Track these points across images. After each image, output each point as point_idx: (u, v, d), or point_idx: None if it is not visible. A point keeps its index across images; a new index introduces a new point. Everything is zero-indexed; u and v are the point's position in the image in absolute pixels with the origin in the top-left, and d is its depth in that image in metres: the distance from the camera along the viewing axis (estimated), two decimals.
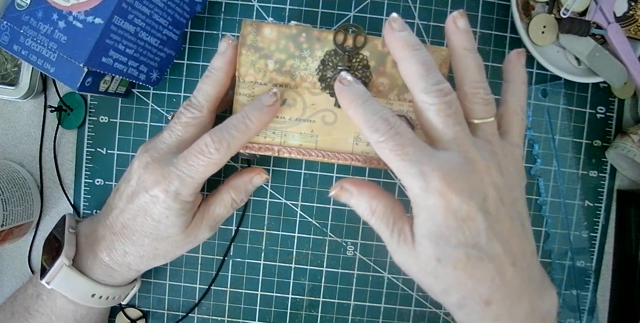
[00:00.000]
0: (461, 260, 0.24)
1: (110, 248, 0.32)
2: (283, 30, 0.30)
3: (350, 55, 0.30)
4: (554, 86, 0.41)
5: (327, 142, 0.31)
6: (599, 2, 0.38)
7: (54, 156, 0.41)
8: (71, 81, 0.31)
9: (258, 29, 0.30)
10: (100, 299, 0.34)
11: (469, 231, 0.24)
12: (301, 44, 0.30)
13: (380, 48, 0.30)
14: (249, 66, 0.30)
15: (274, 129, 0.31)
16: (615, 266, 0.43)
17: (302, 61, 0.30)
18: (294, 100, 0.31)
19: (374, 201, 0.27)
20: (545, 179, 0.41)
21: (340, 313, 0.41)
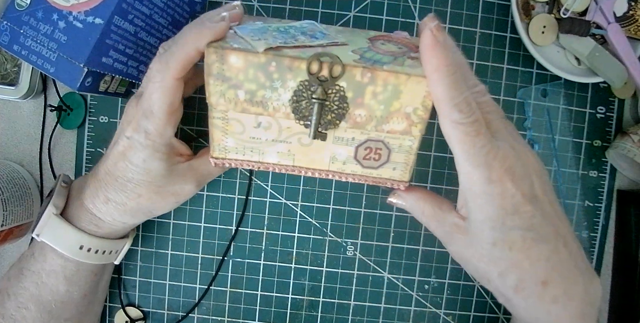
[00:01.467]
0: (517, 241, 0.26)
1: (94, 195, 0.33)
2: (250, 58, 0.26)
3: (326, 87, 0.27)
4: (554, 86, 0.41)
5: (304, 161, 0.31)
6: (599, 2, 0.38)
7: (49, 156, 0.41)
8: (71, 81, 0.31)
9: (223, 57, 0.26)
10: (88, 252, 0.33)
11: (524, 214, 0.26)
12: (271, 74, 0.27)
13: (358, 78, 0.27)
14: (219, 96, 0.28)
15: (251, 148, 0.31)
16: (615, 266, 0.42)
17: (274, 91, 0.27)
18: (268, 123, 0.29)
19: (421, 202, 0.30)
20: None
21: (340, 313, 0.41)
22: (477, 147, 0.25)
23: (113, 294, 0.41)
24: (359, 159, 0.31)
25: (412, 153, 0.30)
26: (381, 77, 0.26)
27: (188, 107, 0.40)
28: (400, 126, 0.28)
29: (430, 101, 0.27)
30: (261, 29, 0.29)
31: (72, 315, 0.35)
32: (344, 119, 0.28)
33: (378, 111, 0.28)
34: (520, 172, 0.26)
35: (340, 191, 0.41)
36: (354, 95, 0.27)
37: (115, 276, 0.41)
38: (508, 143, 0.26)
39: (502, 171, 0.25)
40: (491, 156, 0.25)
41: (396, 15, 0.40)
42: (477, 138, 0.25)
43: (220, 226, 0.41)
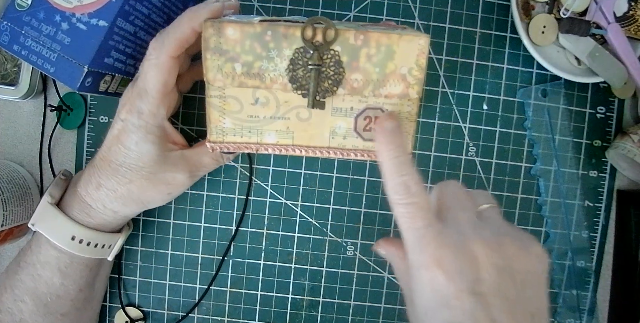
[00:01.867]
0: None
1: (87, 181, 0.33)
2: (247, 29, 0.27)
3: (321, 52, 0.27)
4: (554, 86, 0.41)
5: (304, 138, 0.31)
6: (599, 2, 0.38)
7: (49, 156, 0.41)
8: (71, 81, 0.31)
9: (220, 30, 0.27)
10: (80, 244, 0.33)
11: (455, 310, 0.23)
12: (267, 44, 0.27)
13: (352, 41, 0.27)
14: (216, 71, 0.28)
15: (249, 128, 0.30)
16: (615, 266, 0.43)
17: (270, 61, 0.28)
18: (266, 98, 0.29)
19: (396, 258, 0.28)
20: (545, 179, 0.41)
21: (340, 313, 0.41)
22: (412, 229, 0.25)
23: (113, 294, 0.41)
24: (359, 131, 0.30)
25: (412, 119, 0.30)
26: (374, 38, 0.27)
27: (188, 107, 0.40)
28: (397, 89, 0.29)
29: (424, 59, 0.28)
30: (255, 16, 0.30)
31: (69, 311, 0.35)
32: (341, 85, 0.28)
33: (374, 74, 0.28)
34: (460, 263, 0.24)
35: (340, 191, 0.41)
36: (349, 59, 0.28)
37: (115, 276, 0.41)
38: (459, 233, 0.25)
39: (433, 258, 0.24)
40: (425, 241, 0.24)
41: (396, 15, 0.40)
42: (412, 220, 0.25)
43: (220, 226, 0.41)
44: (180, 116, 0.40)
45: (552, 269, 0.42)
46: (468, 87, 0.41)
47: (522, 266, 0.24)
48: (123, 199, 0.33)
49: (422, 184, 0.26)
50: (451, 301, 0.23)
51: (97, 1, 0.30)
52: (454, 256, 0.24)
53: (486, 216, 0.27)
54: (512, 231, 0.26)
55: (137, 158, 0.32)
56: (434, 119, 0.40)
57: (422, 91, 0.29)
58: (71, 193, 0.34)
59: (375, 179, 0.41)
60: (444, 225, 0.25)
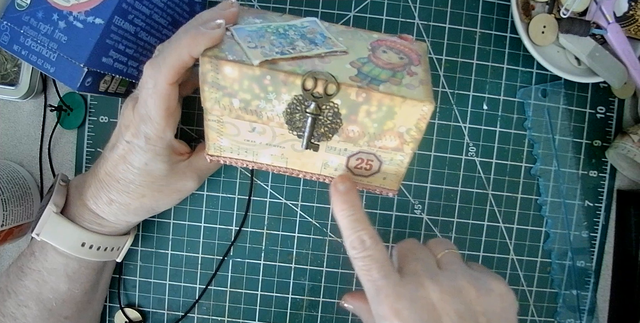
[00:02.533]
0: None
1: (96, 196, 0.33)
2: (245, 71, 0.26)
3: (320, 103, 0.27)
4: (554, 86, 0.41)
5: (297, 164, 0.32)
6: (599, 2, 0.38)
7: (49, 156, 0.41)
8: (71, 81, 0.31)
9: (218, 67, 0.26)
10: (90, 249, 0.34)
11: None
12: (266, 87, 0.27)
13: (353, 97, 0.26)
14: (214, 102, 0.28)
15: (245, 149, 0.31)
16: (615, 266, 0.43)
17: (268, 102, 0.27)
18: (263, 129, 0.29)
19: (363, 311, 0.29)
20: (545, 179, 0.41)
21: (341, 313, 0.41)
22: (370, 281, 0.25)
23: (113, 294, 0.41)
24: (351, 168, 0.31)
25: (402, 166, 0.30)
26: (376, 98, 0.26)
27: (188, 107, 0.40)
28: (392, 144, 0.29)
29: (425, 123, 0.27)
30: (259, 31, 0.29)
31: (72, 313, 0.35)
32: (337, 133, 0.28)
33: (371, 129, 0.28)
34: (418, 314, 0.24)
35: None
36: (348, 112, 0.27)
37: (115, 276, 0.41)
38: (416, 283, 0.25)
39: (392, 311, 0.24)
40: (383, 293, 0.25)
41: (396, 16, 0.40)
42: (369, 273, 0.26)
43: (220, 226, 0.41)
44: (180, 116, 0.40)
45: (552, 269, 0.42)
46: (468, 87, 0.41)
47: (485, 308, 0.25)
48: (136, 210, 0.34)
49: (377, 239, 0.27)
50: None
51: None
52: (412, 307, 0.24)
53: (445, 262, 0.27)
54: (473, 274, 0.26)
55: (146, 175, 0.32)
56: (434, 119, 0.40)
57: (417, 147, 0.29)
58: (79, 204, 0.34)
59: None
60: (402, 277, 0.26)
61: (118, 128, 0.32)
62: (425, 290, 0.25)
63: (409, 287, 0.25)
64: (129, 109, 0.31)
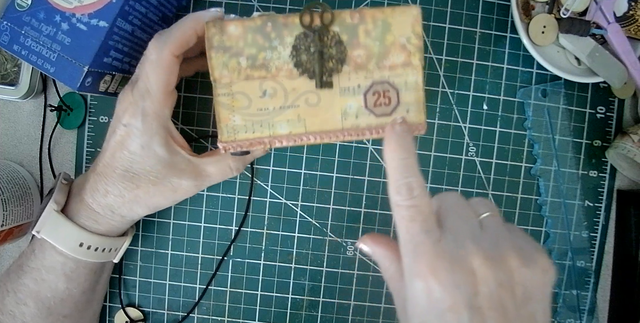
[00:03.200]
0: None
1: (93, 189, 0.33)
2: (248, 24, 0.29)
3: (321, 34, 0.29)
4: (554, 86, 0.41)
5: (316, 124, 0.31)
6: (599, 2, 0.38)
7: (49, 156, 0.41)
8: (71, 81, 0.31)
9: (222, 28, 0.29)
10: (88, 250, 0.34)
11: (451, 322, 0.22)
12: (269, 34, 0.29)
13: (349, 20, 0.29)
14: (222, 68, 0.29)
15: (260, 123, 0.30)
16: (615, 266, 0.43)
17: (274, 51, 0.29)
18: (273, 89, 0.30)
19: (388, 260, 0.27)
20: (545, 179, 0.41)
21: (340, 313, 0.41)
22: (410, 234, 0.24)
23: (113, 294, 0.41)
24: (370, 107, 0.30)
25: (419, 89, 0.30)
26: (369, 14, 0.29)
27: (188, 107, 0.40)
28: (399, 59, 0.30)
29: (420, 26, 0.29)
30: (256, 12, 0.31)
31: (71, 312, 0.35)
32: (345, 62, 0.29)
33: (375, 48, 0.29)
34: (457, 275, 0.22)
35: (340, 191, 0.41)
36: (349, 37, 0.29)
37: (115, 276, 0.41)
38: (458, 244, 0.23)
39: (428, 269, 0.22)
40: (422, 248, 0.23)
41: None
42: (411, 224, 0.24)
43: (220, 226, 0.41)
44: (180, 116, 0.40)
45: None
46: (468, 87, 0.41)
47: (525, 280, 0.23)
48: (130, 204, 0.33)
49: (425, 190, 0.25)
50: (446, 314, 0.22)
51: (97, 2, 0.30)
52: (451, 269, 0.23)
53: (487, 225, 0.26)
54: (517, 242, 0.24)
55: (143, 162, 0.32)
56: (434, 119, 0.40)
57: (424, 59, 0.30)
58: (77, 200, 0.34)
59: (375, 179, 0.41)
60: (442, 234, 0.24)
61: (115, 117, 0.32)
62: (467, 253, 0.23)
63: (450, 247, 0.23)
64: (126, 92, 0.32)
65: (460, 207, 0.26)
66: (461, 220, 0.25)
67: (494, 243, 0.24)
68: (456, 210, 0.26)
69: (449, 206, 0.26)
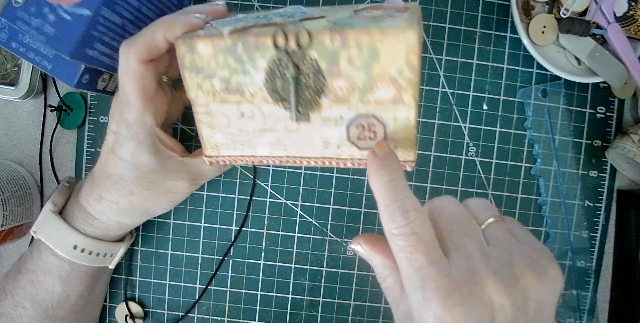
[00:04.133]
0: None
1: (89, 193, 0.33)
2: (217, 43, 0.25)
3: (296, 60, 0.25)
4: (554, 86, 0.41)
5: (296, 149, 0.29)
6: (599, 2, 0.38)
7: (50, 156, 0.41)
8: (68, 77, 0.31)
9: (192, 46, 0.26)
10: (82, 253, 0.33)
11: None
12: (240, 56, 0.25)
13: (328, 44, 0.24)
14: (197, 89, 0.27)
15: (241, 142, 0.29)
16: (615, 266, 0.43)
17: (247, 75, 0.26)
18: (251, 112, 0.27)
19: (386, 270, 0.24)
20: (545, 179, 0.41)
21: (340, 313, 0.41)
22: (414, 267, 0.21)
23: (116, 287, 0.41)
24: (353, 140, 0.27)
25: (410, 126, 0.26)
26: (352, 37, 0.23)
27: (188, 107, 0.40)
28: (388, 94, 0.25)
29: (416, 56, 0.23)
30: (238, 18, 0.27)
31: (68, 315, 0.35)
32: (324, 94, 0.25)
33: (358, 79, 0.25)
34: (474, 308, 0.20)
35: (340, 191, 0.41)
36: (328, 64, 0.25)
37: (116, 276, 0.41)
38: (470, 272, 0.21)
39: (443, 307, 0.20)
40: (431, 284, 0.20)
41: None
42: (414, 256, 0.21)
43: (220, 226, 0.41)
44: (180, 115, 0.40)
45: None
46: (468, 87, 0.41)
47: (539, 296, 0.22)
48: (126, 210, 0.33)
49: (422, 211, 0.22)
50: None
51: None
52: (467, 304, 0.20)
53: (494, 236, 0.23)
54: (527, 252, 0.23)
55: (134, 169, 0.31)
56: (434, 119, 0.40)
57: (420, 94, 0.26)
58: (74, 202, 0.34)
59: None
60: (450, 261, 0.21)
61: (108, 121, 0.32)
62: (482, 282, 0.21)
63: (463, 277, 0.21)
64: (115, 97, 0.31)
65: (463, 220, 0.24)
66: (467, 237, 0.23)
67: (507, 262, 0.22)
68: (459, 226, 0.23)
69: (450, 221, 0.23)
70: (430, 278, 0.21)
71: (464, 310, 0.20)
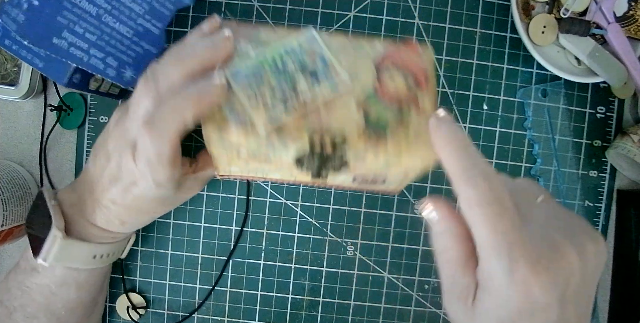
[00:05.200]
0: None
1: (108, 220, 0.32)
2: (251, 135, 0.26)
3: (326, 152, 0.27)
4: (554, 86, 0.41)
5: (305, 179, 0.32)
6: (599, 2, 0.38)
7: (43, 156, 0.41)
8: (58, 76, 0.30)
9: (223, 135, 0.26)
10: (101, 258, 0.34)
11: (539, 319, 0.21)
12: (273, 143, 0.27)
13: (361, 149, 0.27)
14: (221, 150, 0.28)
15: (255, 171, 0.32)
16: (615, 266, 0.42)
17: (276, 153, 0.28)
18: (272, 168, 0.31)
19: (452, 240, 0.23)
20: (545, 179, 0.41)
21: (340, 313, 0.41)
22: (500, 233, 0.21)
23: (116, 280, 0.41)
24: (356, 180, 0.32)
25: (407, 180, 0.32)
26: (382, 147, 0.27)
27: None
28: (397, 177, 0.30)
29: (428, 168, 0.28)
30: (256, 71, 0.27)
31: (80, 318, 0.36)
32: (345, 170, 0.29)
33: (378, 168, 0.28)
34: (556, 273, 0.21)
35: (340, 191, 0.41)
36: (355, 158, 0.28)
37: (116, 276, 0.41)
38: (545, 233, 0.22)
39: (530, 272, 0.20)
40: (517, 248, 0.20)
41: (396, 16, 0.40)
42: (499, 221, 0.21)
43: (220, 226, 0.41)
44: None
45: None
46: (468, 87, 0.41)
47: (595, 266, 0.22)
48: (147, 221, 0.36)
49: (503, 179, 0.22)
50: (540, 313, 0.21)
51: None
52: (551, 266, 0.21)
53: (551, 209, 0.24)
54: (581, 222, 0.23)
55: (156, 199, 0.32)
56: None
57: None
58: (85, 224, 0.32)
59: None
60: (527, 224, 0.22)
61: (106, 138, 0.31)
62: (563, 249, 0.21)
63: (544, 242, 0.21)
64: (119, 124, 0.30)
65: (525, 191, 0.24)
66: (534, 206, 0.23)
67: (570, 230, 0.22)
68: (523, 196, 0.23)
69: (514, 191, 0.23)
70: (517, 244, 0.20)
71: (550, 273, 0.20)
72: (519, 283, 0.20)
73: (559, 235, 0.22)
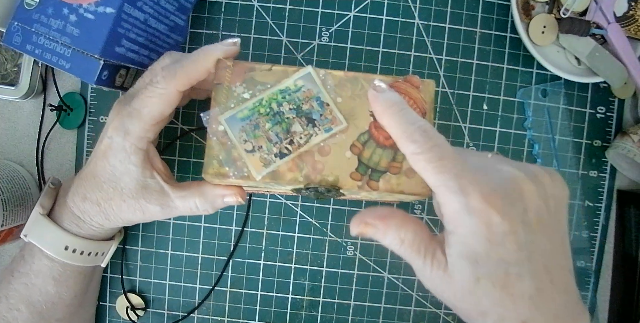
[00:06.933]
0: (500, 277, 0.23)
1: (74, 192, 0.33)
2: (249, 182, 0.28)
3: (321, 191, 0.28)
4: (554, 86, 0.41)
5: None
6: (599, 2, 0.38)
7: (41, 155, 0.41)
8: (88, 75, 0.31)
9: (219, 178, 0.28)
10: (74, 253, 0.33)
11: (510, 245, 0.23)
12: (270, 185, 0.28)
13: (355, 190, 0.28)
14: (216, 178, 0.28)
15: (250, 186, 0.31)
16: (615, 266, 0.42)
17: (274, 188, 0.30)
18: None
19: (402, 230, 0.25)
20: None
21: (340, 313, 0.41)
22: (446, 172, 0.23)
23: (115, 280, 0.41)
24: None
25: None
26: (374, 186, 0.28)
27: (188, 107, 0.40)
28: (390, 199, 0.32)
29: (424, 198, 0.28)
30: (251, 117, 0.27)
31: (64, 316, 0.35)
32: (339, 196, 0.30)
33: (372, 198, 0.31)
34: (510, 197, 0.23)
35: None
36: (350, 193, 0.29)
37: (118, 262, 0.41)
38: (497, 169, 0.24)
39: (483, 199, 0.22)
40: (465, 180, 0.23)
41: (396, 16, 0.40)
42: (441, 162, 0.23)
43: (220, 226, 0.41)
44: (180, 115, 0.40)
45: None
46: (468, 87, 0.41)
47: (555, 193, 0.25)
48: (105, 214, 0.33)
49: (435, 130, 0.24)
50: (507, 237, 0.23)
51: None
52: (505, 193, 0.23)
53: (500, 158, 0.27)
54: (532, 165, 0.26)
55: (119, 176, 0.31)
56: (434, 120, 0.40)
57: None
58: (61, 203, 0.34)
59: None
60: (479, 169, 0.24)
61: (106, 124, 0.32)
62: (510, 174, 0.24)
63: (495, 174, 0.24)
64: (120, 103, 0.31)
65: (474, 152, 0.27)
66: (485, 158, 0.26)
67: (524, 166, 0.25)
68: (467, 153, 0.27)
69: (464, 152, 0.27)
70: (465, 177, 0.23)
71: (504, 200, 0.23)
72: (477, 213, 0.23)
73: (512, 169, 0.24)
